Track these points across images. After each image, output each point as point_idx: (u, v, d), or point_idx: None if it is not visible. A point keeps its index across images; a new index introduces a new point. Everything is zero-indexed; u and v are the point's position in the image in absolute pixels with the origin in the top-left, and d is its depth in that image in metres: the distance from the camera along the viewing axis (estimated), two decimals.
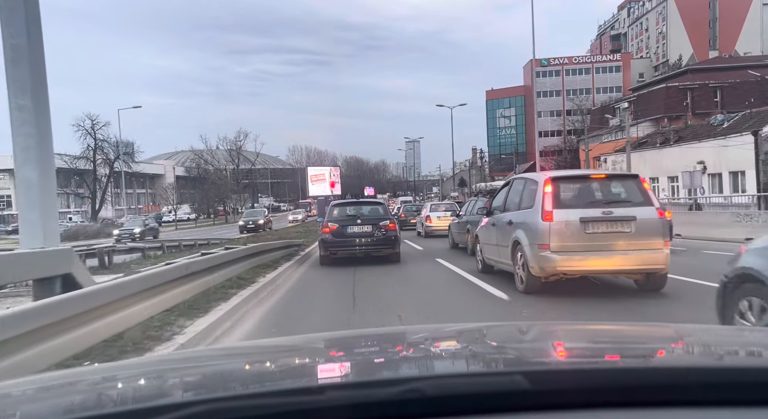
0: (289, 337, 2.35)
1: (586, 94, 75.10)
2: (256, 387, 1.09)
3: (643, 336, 1.58)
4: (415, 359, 1.38)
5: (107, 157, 46.12)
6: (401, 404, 0.88)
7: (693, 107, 42.95)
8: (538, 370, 1.08)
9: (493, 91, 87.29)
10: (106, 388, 1.16)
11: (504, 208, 8.11)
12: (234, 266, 8.68)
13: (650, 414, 0.89)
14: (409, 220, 25.65)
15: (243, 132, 74.69)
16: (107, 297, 4.51)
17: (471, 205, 14.00)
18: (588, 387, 0.93)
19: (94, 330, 4.17)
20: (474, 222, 12.55)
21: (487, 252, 8.98)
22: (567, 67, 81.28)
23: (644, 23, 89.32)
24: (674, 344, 1.44)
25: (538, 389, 0.91)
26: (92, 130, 45.03)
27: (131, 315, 4.84)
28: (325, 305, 7.39)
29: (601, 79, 79.94)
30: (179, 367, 1.38)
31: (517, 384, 0.91)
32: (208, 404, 0.87)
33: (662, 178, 35.80)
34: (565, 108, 78.86)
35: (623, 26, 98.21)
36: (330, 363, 1.43)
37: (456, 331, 1.83)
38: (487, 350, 1.44)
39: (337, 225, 11.57)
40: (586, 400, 0.90)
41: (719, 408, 0.89)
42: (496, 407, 0.90)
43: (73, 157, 45.08)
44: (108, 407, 0.98)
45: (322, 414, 0.87)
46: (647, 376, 0.96)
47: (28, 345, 3.37)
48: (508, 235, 7.48)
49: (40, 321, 3.52)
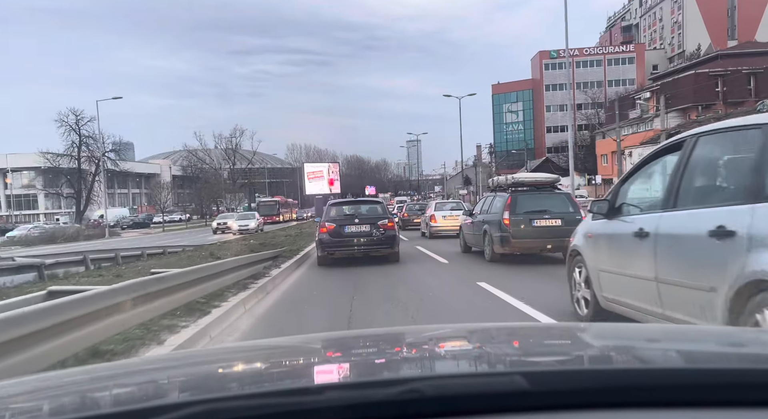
0: (287, 337, 2.36)
1: (598, 87, 73.18)
2: (254, 387, 1.11)
3: (644, 336, 1.59)
4: (415, 359, 1.40)
5: (92, 155, 44.25)
6: (400, 404, 0.89)
7: (725, 95, 40.73)
8: (537, 371, 1.10)
9: (499, 84, 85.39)
10: (104, 388, 1.19)
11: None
12: (135, 311, 5.01)
13: (650, 414, 0.90)
14: (413, 220, 25.08)
15: (239, 129, 73.15)
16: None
17: (487, 203, 12.24)
18: (587, 387, 0.94)
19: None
20: (492, 222, 10.97)
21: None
22: (578, 59, 79.40)
23: (658, 13, 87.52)
24: (674, 344, 1.45)
25: (537, 389, 0.92)
26: (77, 125, 43.31)
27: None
28: None
29: (613, 72, 78.10)
30: (178, 367, 1.40)
31: (517, 384, 0.92)
32: (207, 404, 0.88)
33: None
34: (576, 102, 77.10)
35: (635, 17, 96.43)
36: (329, 364, 1.44)
37: (455, 332, 1.87)
38: (487, 350, 1.46)
39: (334, 225, 11.51)
40: (585, 401, 0.92)
41: (719, 408, 0.90)
42: (496, 407, 0.91)
43: (55, 154, 43.22)
44: (106, 407, 1.00)
45: (321, 415, 0.88)
46: (647, 377, 0.98)
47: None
48: None
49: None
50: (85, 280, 9.68)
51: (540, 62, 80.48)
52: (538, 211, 10.78)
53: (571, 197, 11.46)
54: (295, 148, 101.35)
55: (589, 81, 76.90)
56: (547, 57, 80.00)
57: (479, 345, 1.54)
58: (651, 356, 1.34)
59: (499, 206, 11.13)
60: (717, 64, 45.18)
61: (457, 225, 18.44)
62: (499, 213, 10.90)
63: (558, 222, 10.63)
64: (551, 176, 12.13)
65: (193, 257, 12.72)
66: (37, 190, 50.27)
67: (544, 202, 11.01)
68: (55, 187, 48.69)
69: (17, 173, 59.02)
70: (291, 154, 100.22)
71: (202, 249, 14.73)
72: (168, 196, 56.76)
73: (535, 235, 10.61)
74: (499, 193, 11.82)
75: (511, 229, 10.57)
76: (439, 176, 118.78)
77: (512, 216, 10.64)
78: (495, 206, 11.51)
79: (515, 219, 10.62)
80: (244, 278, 8.50)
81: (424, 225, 20.75)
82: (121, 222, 56.49)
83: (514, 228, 10.57)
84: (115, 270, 11.99)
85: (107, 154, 45.14)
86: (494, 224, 10.98)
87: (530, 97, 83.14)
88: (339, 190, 48.83)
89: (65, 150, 43.50)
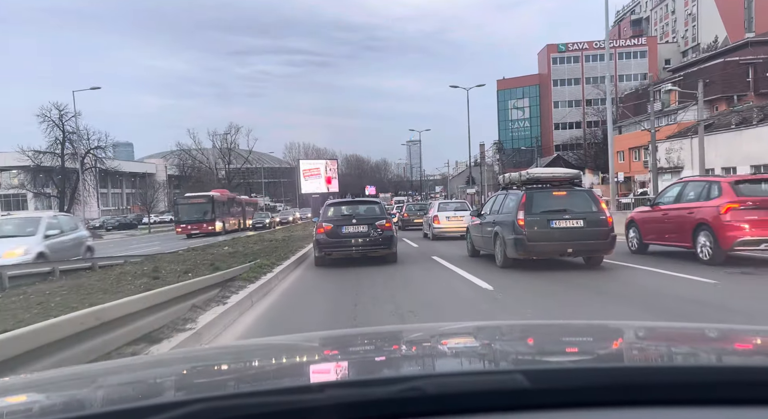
0: (288, 336, 2.36)
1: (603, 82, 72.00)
2: (255, 385, 1.13)
3: (644, 336, 1.63)
4: (416, 357, 1.43)
5: (76, 152, 43.04)
6: (401, 402, 0.90)
7: (756, 85, 39.00)
8: (538, 369, 1.12)
9: (504, 80, 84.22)
10: (104, 386, 1.20)
11: None
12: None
13: (650, 413, 0.92)
14: (413, 220, 25.26)
15: (234, 126, 72.05)
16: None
17: (498, 202, 11.17)
18: (588, 386, 0.96)
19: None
20: (505, 223, 9.95)
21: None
22: (587, 53, 78.34)
23: (670, 5, 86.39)
24: (675, 343, 1.47)
25: (538, 388, 0.94)
26: (60, 121, 42.04)
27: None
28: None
29: (624, 66, 76.90)
30: (178, 366, 1.42)
31: (518, 382, 0.94)
32: (207, 402, 0.89)
33: (742, 168, 29.85)
34: (585, 97, 75.98)
35: (645, 10, 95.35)
36: (330, 362, 1.44)
37: (456, 330, 1.88)
38: (488, 349, 1.48)
39: (331, 226, 11.64)
40: (586, 399, 0.93)
41: (719, 407, 0.92)
42: (497, 406, 0.92)
43: (37, 151, 41.99)
44: (106, 405, 1.01)
45: (322, 413, 0.89)
46: (648, 375, 1.00)
47: None
48: None
49: None
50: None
51: (547, 56, 79.31)
52: (556, 211, 9.75)
53: (593, 194, 10.39)
54: (293, 147, 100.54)
55: (599, 76, 75.78)
56: (555, 50, 78.90)
57: (480, 343, 1.57)
58: (651, 354, 1.37)
59: (512, 205, 10.09)
60: (747, 52, 43.37)
61: (462, 226, 18.40)
62: (513, 213, 9.87)
63: (579, 223, 9.61)
64: (571, 171, 11.07)
65: (126, 275, 9.08)
66: (26, 190, 49.03)
67: (563, 201, 9.96)
68: (38, 186, 47.50)
69: (5, 172, 57.99)
70: (289, 153, 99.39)
71: (144, 264, 11.15)
72: (155, 195, 55.54)
73: (553, 238, 9.58)
74: (512, 190, 10.77)
75: (526, 231, 9.53)
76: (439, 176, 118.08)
77: (527, 216, 9.61)
78: (507, 205, 10.47)
79: (531, 219, 9.59)
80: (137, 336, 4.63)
81: (427, 227, 20.28)
82: (106, 223, 55.54)
83: (530, 231, 9.53)
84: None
85: (92, 151, 43.89)
86: (507, 226, 9.96)
87: (537, 92, 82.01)
88: (337, 188, 46.92)
89: (48, 147, 42.37)
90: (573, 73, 78.48)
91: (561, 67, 78.59)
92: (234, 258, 11.95)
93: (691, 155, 23.62)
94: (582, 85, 77.67)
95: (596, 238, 9.58)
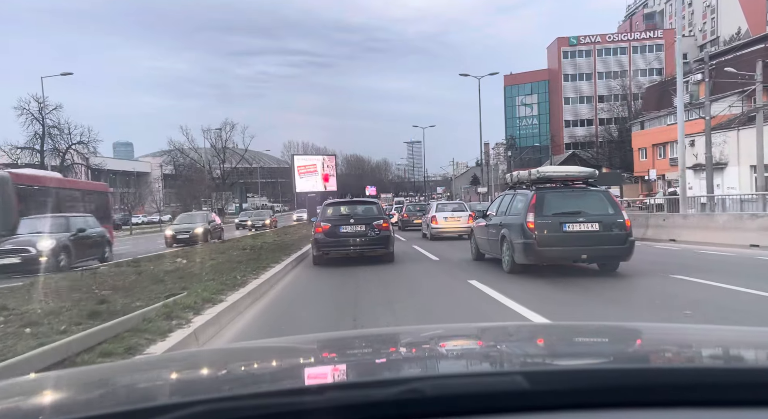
0: (287, 338, 2.49)
1: (621, 77, 71.20)
2: (255, 387, 1.16)
3: (644, 336, 1.65)
4: (415, 359, 1.45)
5: (56, 147, 42.21)
6: (401, 404, 0.93)
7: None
8: (538, 370, 1.15)
9: (512, 75, 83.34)
10: (104, 388, 1.23)
11: None
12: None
13: (650, 414, 0.93)
14: (413, 220, 26.12)
15: (229, 123, 71.42)
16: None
17: (506, 203, 10.58)
18: (588, 387, 0.98)
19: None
20: (512, 226, 9.39)
21: None
22: (599, 47, 77.61)
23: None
24: (674, 344, 1.49)
25: (538, 389, 0.96)
26: (40, 114, 41.00)
27: None
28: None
29: (639, 60, 76.13)
30: (178, 368, 1.44)
31: (518, 384, 0.96)
32: (207, 404, 0.91)
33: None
34: (597, 93, 75.32)
35: (659, 2, 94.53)
36: (329, 364, 1.46)
37: (455, 331, 1.95)
38: (487, 350, 1.51)
39: (329, 225, 12.07)
40: (586, 400, 0.95)
41: (719, 408, 0.94)
42: (496, 407, 0.94)
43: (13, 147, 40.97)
44: (106, 407, 1.02)
45: (321, 415, 0.92)
46: (647, 376, 1.03)
47: None
48: None
49: None
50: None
51: (558, 50, 78.54)
52: (570, 213, 9.13)
53: (610, 195, 9.76)
54: (291, 146, 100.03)
55: (612, 70, 75.07)
56: (566, 44, 78.16)
57: (479, 345, 1.61)
58: (651, 355, 1.40)
59: (521, 206, 9.48)
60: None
61: (459, 227, 19.36)
62: (522, 215, 9.25)
63: (595, 227, 8.99)
64: (586, 170, 10.41)
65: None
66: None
67: (577, 202, 9.36)
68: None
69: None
70: (287, 152, 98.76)
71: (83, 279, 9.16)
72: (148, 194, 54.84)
73: (566, 243, 8.96)
74: (520, 190, 10.15)
75: (536, 235, 8.90)
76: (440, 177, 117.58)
77: (538, 218, 8.99)
78: (515, 206, 9.86)
79: (542, 222, 8.97)
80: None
81: (425, 227, 21.03)
82: None
83: (540, 234, 8.91)
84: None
85: (74, 146, 43.01)
86: (515, 228, 9.35)
87: (546, 88, 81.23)
88: (335, 187, 45.36)
89: (26, 142, 41.38)
90: (585, 67, 77.74)
91: (572, 61, 77.82)
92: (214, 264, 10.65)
93: (738, 149, 21.70)
94: (594, 80, 76.91)
95: (613, 243, 8.98)
